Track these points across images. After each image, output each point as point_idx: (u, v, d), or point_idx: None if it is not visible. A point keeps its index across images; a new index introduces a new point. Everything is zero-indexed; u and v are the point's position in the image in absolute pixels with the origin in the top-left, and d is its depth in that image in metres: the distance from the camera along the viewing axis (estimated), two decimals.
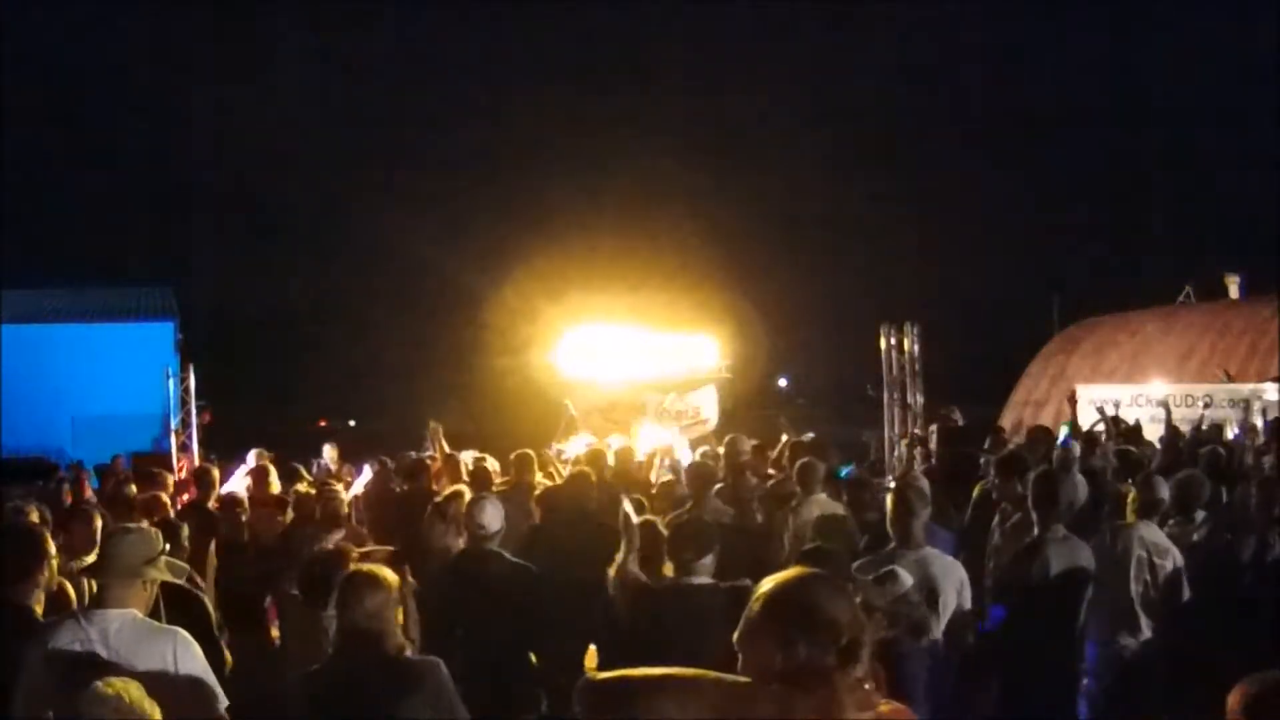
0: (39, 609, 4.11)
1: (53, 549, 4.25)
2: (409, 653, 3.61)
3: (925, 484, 5.22)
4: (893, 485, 5.68)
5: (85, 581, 4.43)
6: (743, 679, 2.00)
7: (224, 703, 3.63)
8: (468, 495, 5.80)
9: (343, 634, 3.48)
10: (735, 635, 2.08)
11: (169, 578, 3.75)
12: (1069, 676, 5.28)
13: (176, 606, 4.14)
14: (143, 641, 3.51)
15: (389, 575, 3.59)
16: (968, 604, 4.93)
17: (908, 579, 4.27)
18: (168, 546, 3.86)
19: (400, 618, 3.64)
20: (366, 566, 3.73)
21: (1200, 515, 5.93)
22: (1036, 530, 5.27)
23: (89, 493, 9.75)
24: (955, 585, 4.85)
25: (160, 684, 3.42)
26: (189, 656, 3.55)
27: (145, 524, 4.33)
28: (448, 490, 5.97)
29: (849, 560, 4.80)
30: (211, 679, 3.61)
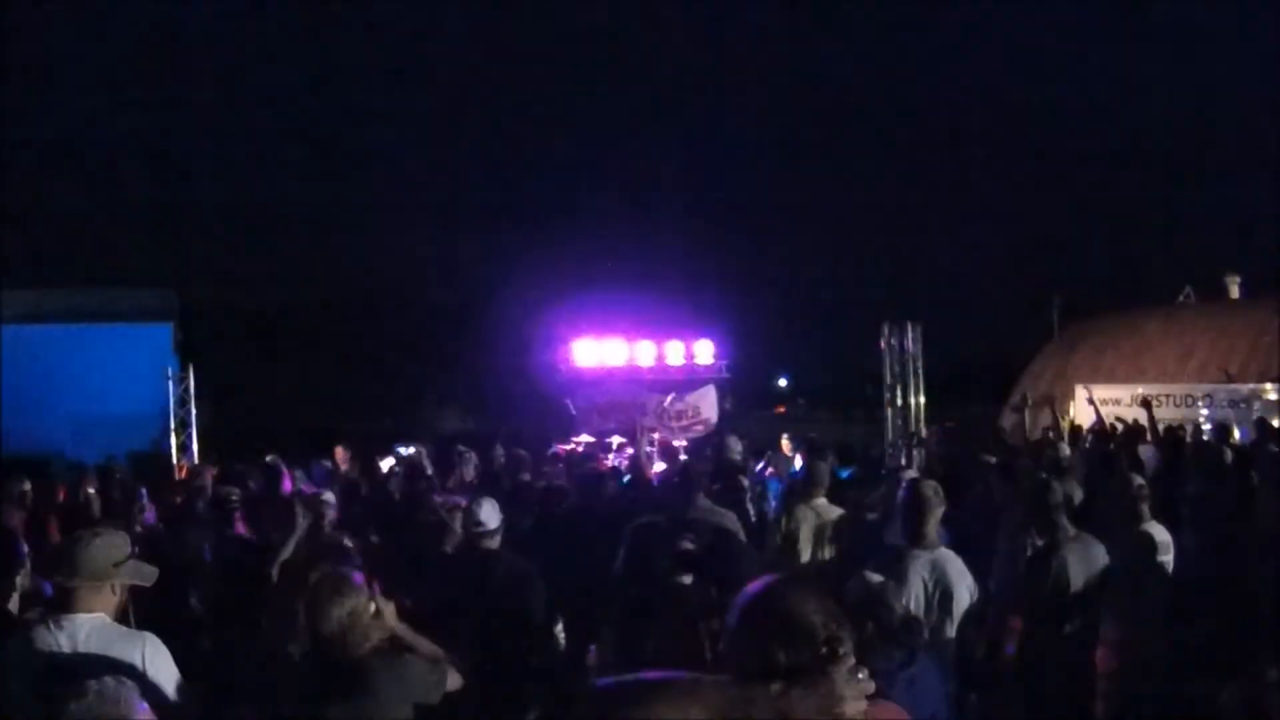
0: (15, 611, 4.10)
1: (25, 548, 4.24)
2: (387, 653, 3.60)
3: (935, 485, 5.17)
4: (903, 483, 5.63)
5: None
6: (742, 681, 2.00)
7: (197, 707, 3.62)
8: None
9: (311, 637, 3.48)
10: (723, 639, 2.09)
11: (137, 581, 3.71)
12: (1089, 676, 5.24)
13: None
14: (113, 645, 3.48)
15: (356, 580, 3.60)
16: (976, 603, 4.90)
17: (875, 576, 4.17)
18: (137, 549, 3.84)
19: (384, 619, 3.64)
20: (334, 571, 3.74)
21: None
22: (1045, 534, 5.24)
23: (90, 494, 9.69)
24: (968, 585, 4.82)
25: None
26: (160, 660, 3.53)
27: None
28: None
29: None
30: (181, 683, 3.60)
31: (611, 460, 10.90)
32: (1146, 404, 11.61)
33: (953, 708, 4.59)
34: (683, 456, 10.06)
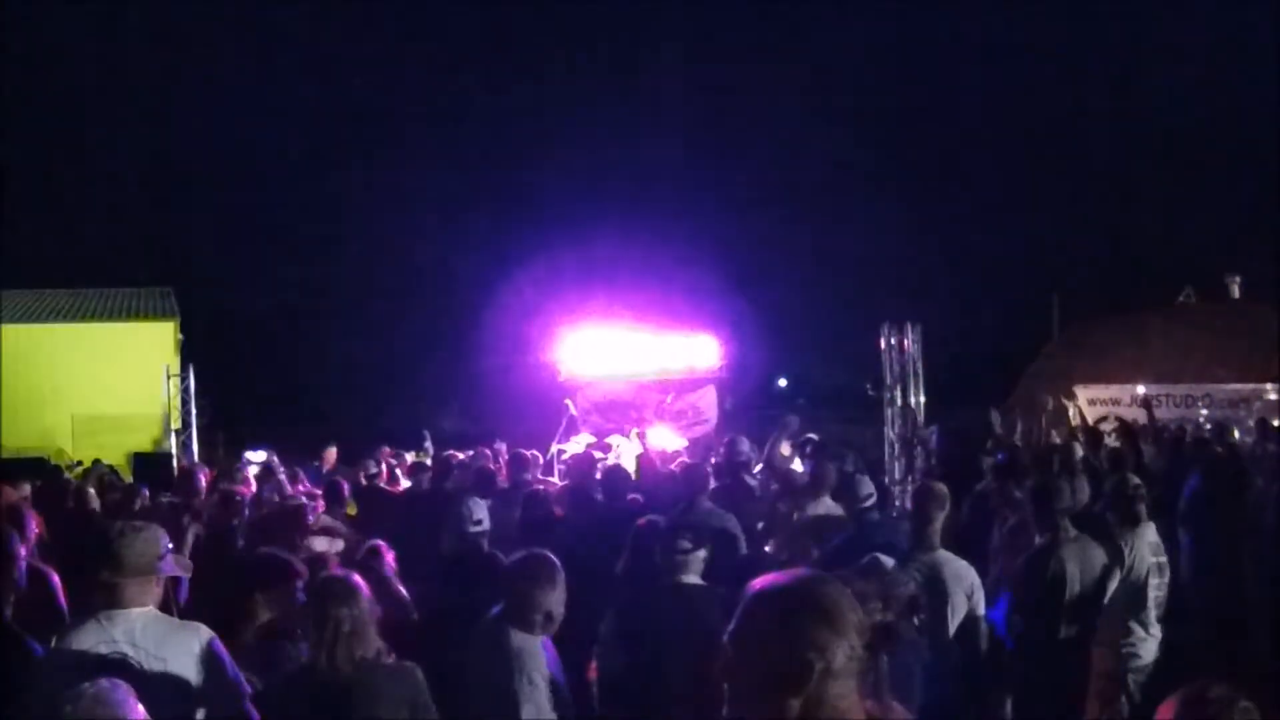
0: (9, 611, 4.10)
1: (21, 549, 4.23)
2: (387, 658, 3.61)
3: (943, 488, 5.15)
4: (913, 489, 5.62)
5: None
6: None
7: (249, 693, 3.65)
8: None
9: (318, 637, 3.49)
10: (731, 635, 2.01)
11: (177, 573, 3.75)
12: (1084, 677, 5.24)
13: None
14: (169, 638, 3.51)
15: (359, 585, 3.62)
16: (980, 608, 4.89)
17: (888, 560, 4.22)
18: (171, 545, 3.88)
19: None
20: (341, 573, 3.76)
21: None
22: (1046, 534, 5.24)
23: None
24: (966, 589, 4.82)
25: (191, 678, 3.45)
26: (214, 650, 3.57)
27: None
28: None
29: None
30: (236, 671, 3.63)
31: (612, 460, 10.90)
32: (1147, 403, 11.62)
33: (957, 707, 4.60)
34: (682, 457, 10.06)
